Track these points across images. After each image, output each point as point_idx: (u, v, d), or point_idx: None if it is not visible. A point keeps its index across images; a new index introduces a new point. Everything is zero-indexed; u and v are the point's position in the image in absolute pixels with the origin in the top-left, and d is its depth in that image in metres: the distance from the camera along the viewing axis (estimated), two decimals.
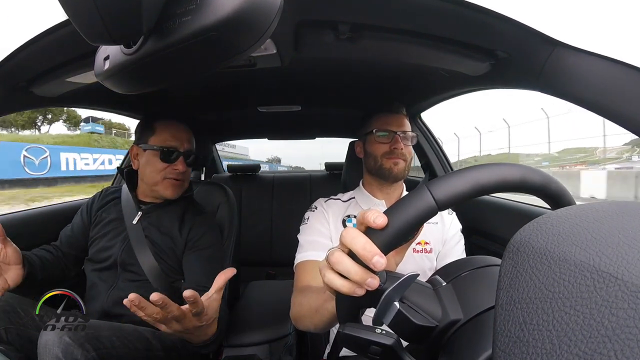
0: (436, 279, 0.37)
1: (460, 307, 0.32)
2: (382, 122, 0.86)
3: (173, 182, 0.90)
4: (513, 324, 0.19)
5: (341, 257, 0.32)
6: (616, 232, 0.18)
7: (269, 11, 0.30)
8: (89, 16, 0.28)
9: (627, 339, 0.14)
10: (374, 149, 0.86)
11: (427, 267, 0.81)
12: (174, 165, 0.89)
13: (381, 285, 0.32)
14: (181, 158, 0.90)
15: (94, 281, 0.88)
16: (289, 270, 0.80)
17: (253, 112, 1.41)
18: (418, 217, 0.30)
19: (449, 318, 0.32)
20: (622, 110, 0.49)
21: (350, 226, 0.33)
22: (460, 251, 0.85)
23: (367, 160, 0.89)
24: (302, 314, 0.62)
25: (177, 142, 0.91)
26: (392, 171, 0.82)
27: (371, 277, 0.31)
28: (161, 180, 0.89)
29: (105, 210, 0.95)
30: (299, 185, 1.98)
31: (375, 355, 0.31)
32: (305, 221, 0.84)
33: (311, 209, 0.87)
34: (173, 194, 0.90)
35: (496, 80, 0.77)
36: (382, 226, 0.30)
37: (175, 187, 0.91)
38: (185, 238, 0.91)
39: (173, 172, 0.89)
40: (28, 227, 1.04)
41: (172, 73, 0.36)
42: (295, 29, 0.61)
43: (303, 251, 0.78)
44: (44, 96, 0.80)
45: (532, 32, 0.55)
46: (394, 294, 0.32)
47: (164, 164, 0.89)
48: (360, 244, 0.31)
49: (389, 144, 0.84)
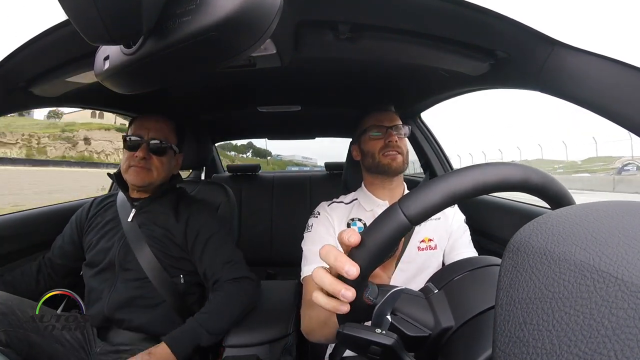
0: (428, 287, 0.37)
1: (452, 313, 0.33)
2: (373, 119, 0.88)
3: (135, 169, 0.91)
4: (513, 324, 0.19)
5: (319, 272, 0.34)
6: (616, 232, 0.18)
7: (269, 11, 0.30)
8: (88, 16, 0.28)
9: (627, 339, 0.14)
10: (369, 146, 0.87)
11: (434, 264, 0.81)
12: (135, 153, 0.91)
13: (372, 300, 0.33)
14: (143, 145, 0.92)
15: (93, 285, 0.88)
16: (289, 270, 0.80)
17: (253, 112, 1.41)
18: (391, 235, 0.31)
19: (441, 326, 0.32)
20: (621, 110, 0.49)
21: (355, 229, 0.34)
22: (467, 241, 0.84)
23: (365, 159, 0.89)
24: (312, 327, 0.63)
25: (143, 131, 0.93)
26: (390, 166, 0.83)
27: (345, 287, 0.31)
28: (127, 169, 0.91)
29: (100, 215, 0.97)
30: (299, 185, 1.98)
31: (375, 355, 0.31)
32: (309, 228, 0.83)
33: (314, 215, 0.86)
34: (136, 180, 0.91)
35: (496, 80, 0.77)
36: (355, 244, 0.31)
37: (137, 173, 0.91)
38: (184, 229, 0.91)
39: (134, 159, 0.91)
40: (26, 228, 1.04)
41: (172, 73, 0.36)
42: (295, 29, 0.61)
43: (308, 263, 0.77)
44: (44, 96, 0.80)
45: (532, 32, 0.55)
46: (385, 308, 0.33)
47: (129, 153, 0.92)
48: (332, 257, 0.32)
49: (383, 139, 0.85)
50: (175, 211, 0.94)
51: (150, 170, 0.92)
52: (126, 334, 0.84)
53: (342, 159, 1.36)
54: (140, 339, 0.84)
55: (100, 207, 0.99)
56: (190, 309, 0.88)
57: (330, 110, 1.47)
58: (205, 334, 0.75)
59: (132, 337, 0.84)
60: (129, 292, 0.86)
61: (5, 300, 0.74)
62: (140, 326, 0.84)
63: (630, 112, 0.48)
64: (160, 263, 0.88)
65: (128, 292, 0.85)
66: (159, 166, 0.94)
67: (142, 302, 0.86)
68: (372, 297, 0.33)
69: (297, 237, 0.82)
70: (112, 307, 0.84)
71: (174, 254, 0.90)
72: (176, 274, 0.90)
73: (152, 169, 0.92)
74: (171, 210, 0.94)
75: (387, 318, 0.32)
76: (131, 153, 0.91)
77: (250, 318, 0.89)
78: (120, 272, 0.87)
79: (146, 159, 0.91)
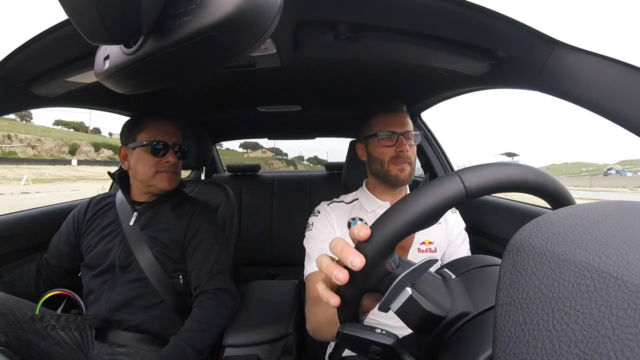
0: (444, 272, 0.36)
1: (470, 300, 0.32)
2: (384, 123, 0.83)
3: (167, 175, 0.93)
4: (513, 324, 0.19)
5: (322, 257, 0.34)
6: (616, 232, 0.18)
7: (269, 11, 0.30)
8: (88, 16, 0.28)
9: (627, 339, 0.14)
10: (378, 153, 0.83)
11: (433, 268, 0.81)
12: (165, 158, 0.92)
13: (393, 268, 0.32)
14: (171, 150, 0.93)
15: (92, 287, 0.88)
16: (289, 270, 0.80)
17: (253, 112, 1.41)
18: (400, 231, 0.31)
19: (459, 310, 0.32)
20: (621, 110, 0.49)
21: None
22: (465, 250, 0.84)
23: (371, 163, 0.86)
24: (319, 325, 0.62)
25: (166, 136, 0.93)
26: (398, 178, 0.81)
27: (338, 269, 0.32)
28: (155, 174, 0.92)
29: (99, 217, 0.96)
30: (299, 185, 1.98)
31: (375, 355, 0.31)
32: (310, 227, 0.83)
33: (314, 214, 0.85)
34: (169, 186, 0.93)
35: (496, 80, 0.77)
36: (365, 238, 0.31)
37: (170, 179, 0.93)
38: (185, 228, 0.92)
39: (165, 164, 0.92)
40: (25, 228, 1.04)
41: (172, 73, 0.36)
42: (295, 29, 0.61)
43: (311, 262, 0.77)
44: (44, 96, 0.80)
45: (532, 31, 0.55)
46: (407, 279, 0.32)
47: (155, 158, 0.91)
48: (339, 247, 0.32)
49: (394, 146, 0.81)
50: (176, 212, 0.95)
51: (177, 174, 0.95)
52: (124, 334, 0.84)
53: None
54: (138, 339, 0.84)
55: (99, 209, 0.98)
56: (189, 308, 0.88)
57: (330, 110, 1.47)
58: (191, 351, 0.75)
59: (131, 337, 0.84)
60: (128, 293, 0.86)
61: (4, 300, 0.74)
62: (139, 325, 0.84)
63: (630, 112, 0.48)
64: (160, 264, 0.88)
65: (127, 294, 0.85)
66: (179, 170, 0.98)
67: (141, 302, 0.86)
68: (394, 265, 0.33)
69: (297, 237, 0.82)
70: (111, 308, 0.84)
71: (174, 256, 0.91)
72: (175, 274, 0.90)
73: (178, 174, 0.96)
74: (173, 212, 0.94)
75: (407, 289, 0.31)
76: (158, 158, 0.92)
77: (250, 318, 0.89)
78: (120, 275, 0.87)
79: (176, 164, 0.94)
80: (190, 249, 0.91)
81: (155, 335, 0.85)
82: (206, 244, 0.91)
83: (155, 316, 0.86)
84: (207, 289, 0.86)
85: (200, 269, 0.89)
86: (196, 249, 0.91)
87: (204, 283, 0.87)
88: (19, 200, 11.81)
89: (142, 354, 0.81)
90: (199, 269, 0.89)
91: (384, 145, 0.82)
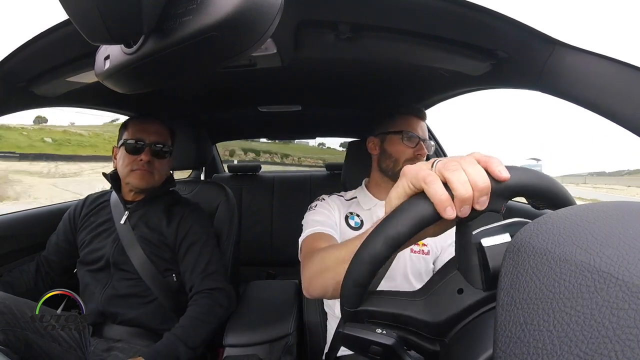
0: None
1: None
2: (410, 125, 0.84)
3: (140, 172, 0.92)
4: (514, 325, 0.19)
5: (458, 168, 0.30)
6: (617, 233, 0.18)
7: (269, 11, 0.30)
8: (89, 16, 0.28)
9: (628, 339, 0.14)
10: (396, 150, 0.84)
11: (423, 269, 0.81)
12: (139, 156, 0.92)
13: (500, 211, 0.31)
14: (147, 149, 0.93)
15: (88, 282, 0.90)
16: (289, 270, 0.80)
17: (253, 112, 1.41)
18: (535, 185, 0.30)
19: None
20: (621, 110, 0.49)
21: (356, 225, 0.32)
22: None
23: (383, 159, 0.87)
24: (326, 266, 0.56)
25: (144, 135, 0.93)
26: None
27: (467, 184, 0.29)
28: (130, 172, 0.92)
29: (93, 215, 0.98)
30: (299, 185, 1.98)
31: (375, 355, 0.31)
32: (313, 208, 0.84)
33: (318, 199, 0.88)
34: (141, 184, 0.93)
35: (496, 80, 0.77)
36: (506, 179, 0.29)
37: (142, 177, 0.93)
38: (175, 231, 0.93)
39: (138, 163, 0.92)
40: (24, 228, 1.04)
41: (173, 73, 0.36)
42: (296, 29, 0.61)
43: (310, 227, 0.76)
44: (44, 96, 0.80)
45: (532, 32, 0.55)
46: (512, 226, 0.30)
47: (131, 156, 0.92)
48: (479, 174, 0.29)
49: (413, 149, 0.83)
50: (167, 214, 0.95)
51: (152, 173, 0.94)
52: (119, 329, 0.86)
53: None
54: (133, 334, 0.85)
55: (94, 206, 1.00)
56: (183, 306, 0.88)
57: (330, 110, 1.47)
58: (183, 347, 0.75)
59: (126, 331, 0.85)
60: (123, 289, 0.87)
61: (2, 299, 0.74)
62: (134, 319, 0.85)
63: (631, 112, 0.48)
64: (153, 263, 0.89)
65: (122, 290, 0.87)
66: (160, 169, 0.96)
67: (136, 299, 0.87)
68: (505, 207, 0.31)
69: (297, 237, 0.82)
70: (106, 301, 0.85)
71: (166, 256, 0.92)
72: (168, 273, 0.91)
73: (154, 173, 0.94)
74: (163, 213, 0.95)
75: (507, 235, 0.29)
76: (134, 156, 0.92)
77: (251, 318, 0.89)
78: (115, 272, 0.89)
79: (150, 163, 0.93)
80: (182, 251, 0.91)
81: (150, 329, 0.86)
82: (197, 246, 0.92)
83: (150, 311, 0.87)
84: (201, 289, 0.87)
85: (193, 270, 0.89)
86: (188, 251, 0.91)
87: (197, 284, 0.88)
88: None
89: (135, 348, 0.82)
90: (191, 271, 0.89)
91: (405, 144, 0.83)
